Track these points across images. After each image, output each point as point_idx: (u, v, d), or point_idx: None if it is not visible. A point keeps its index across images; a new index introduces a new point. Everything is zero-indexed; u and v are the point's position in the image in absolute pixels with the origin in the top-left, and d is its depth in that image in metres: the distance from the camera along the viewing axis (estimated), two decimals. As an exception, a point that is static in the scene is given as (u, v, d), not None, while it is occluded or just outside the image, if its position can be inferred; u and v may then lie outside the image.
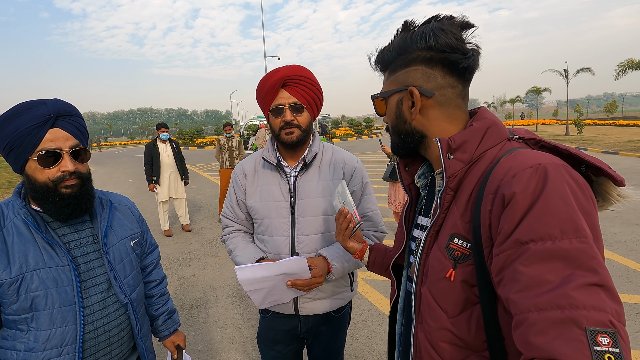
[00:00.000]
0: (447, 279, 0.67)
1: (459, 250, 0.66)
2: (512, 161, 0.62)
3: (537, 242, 0.52)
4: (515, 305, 0.52)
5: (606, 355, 0.44)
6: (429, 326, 0.71)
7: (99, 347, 1.02)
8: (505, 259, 0.56)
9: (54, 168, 0.95)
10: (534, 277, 0.51)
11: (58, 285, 0.96)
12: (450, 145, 0.69)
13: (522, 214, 0.55)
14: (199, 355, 2.74)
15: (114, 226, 1.14)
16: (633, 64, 16.63)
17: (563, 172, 0.57)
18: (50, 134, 0.95)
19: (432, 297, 0.70)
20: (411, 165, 0.88)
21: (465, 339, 0.67)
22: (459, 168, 0.69)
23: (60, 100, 1.00)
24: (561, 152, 0.65)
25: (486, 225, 0.61)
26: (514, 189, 0.57)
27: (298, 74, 1.27)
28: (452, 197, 0.70)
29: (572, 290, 0.48)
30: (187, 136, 34.53)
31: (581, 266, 0.49)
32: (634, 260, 3.99)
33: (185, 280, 4.11)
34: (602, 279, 0.49)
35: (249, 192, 1.39)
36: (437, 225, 0.72)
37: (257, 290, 1.22)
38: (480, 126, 0.70)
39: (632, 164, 10.81)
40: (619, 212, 5.72)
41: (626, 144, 15.44)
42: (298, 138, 1.29)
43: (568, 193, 0.54)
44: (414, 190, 0.88)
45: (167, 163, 5.55)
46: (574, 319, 0.46)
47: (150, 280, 1.34)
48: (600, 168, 0.62)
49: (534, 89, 30.33)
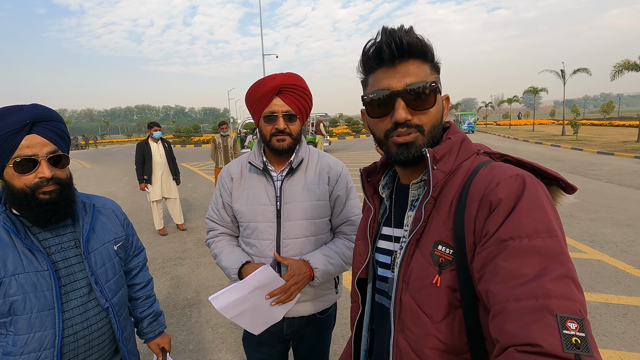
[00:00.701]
0: (433, 285, 0.69)
1: (442, 257, 0.69)
2: (494, 172, 0.67)
3: (516, 240, 0.58)
4: (495, 296, 0.56)
5: (573, 338, 0.49)
6: (414, 334, 0.72)
7: (79, 350, 1.03)
8: (486, 255, 0.60)
9: (30, 174, 0.95)
10: (512, 270, 0.56)
11: (37, 290, 0.96)
12: (435, 156, 0.71)
13: (505, 216, 0.60)
14: (191, 355, 2.76)
15: (96, 230, 1.14)
16: (629, 64, 16.70)
17: (535, 181, 0.64)
18: (27, 140, 0.94)
19: (417, 304, 0.71)
20: (373, 175, 0.88)
21: (450, 343, 0.68)
22: (441, 178, 0.72)
23: (39, 106, 1.00)
24: (524, 165, 0.71)
25: (471, 231, 0.65)
26: (500, 195, 0.62)
27: (294, 83, 1.28)
28: (432, 205, 0.72)
29: (546, 282, 0.53)
30: (185, 134, 34.41)
31: (554, 260, 0.55)
32: (624, 261, 4.03)
33: (179, 279, 4.12)
34: (570, 272, 0.55)
35: (235, 196, 1.39)
36: (419, 234, 0.73)
37: (240, 315, 1.22)
38: (457, 140, 0.75)
39: (627, 164, 10.88)
40: (611, 213, 5.78)
41: (621, 145, 15.53)
42: (289, 146, 1.30)
43: (542, 198, 0.61)
44: (378, 200, 0.88)
45: (159, 162, 5.50)
46: (547, 307, 0.51)
47: (136, 282, 1.35)
48: (556, 179, 0.69)
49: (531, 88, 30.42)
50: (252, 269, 1.27)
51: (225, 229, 1.46)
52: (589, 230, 5.08)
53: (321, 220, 1.36)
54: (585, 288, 3.48)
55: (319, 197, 1.35)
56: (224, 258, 1.35)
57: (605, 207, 6.19)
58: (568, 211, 5.99)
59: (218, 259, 1.39)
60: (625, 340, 2.69)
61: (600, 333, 2.78)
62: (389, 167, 0.90)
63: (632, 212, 5.82)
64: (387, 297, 0.84)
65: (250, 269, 1.28)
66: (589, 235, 4.86)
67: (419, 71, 0.73)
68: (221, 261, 1.36)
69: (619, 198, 6.74)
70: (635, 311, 3.04)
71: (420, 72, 0.73)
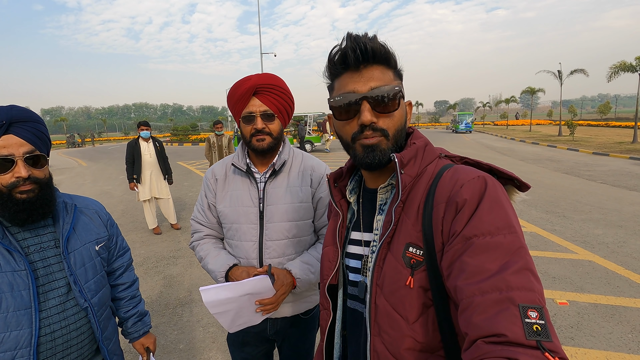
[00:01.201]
0: (406, 287, 0.70)
1: (414, 258, 0.70)
2: (457, 174, 0.70)
3: (480, 237, 0.61)
4: (462, 291, 0.59)
5: (534, 326, 0.52)
6: (390, 336, 0.73)
7: (56, 350, 1.04)
8: (453, 253, 0.63)
9: (7, 174, 0.96)
10: (477, 266, 0.59)
11: (13, 289, 0.97)
12: (402, 161, 0.73)
13: (470, 215, 0.64)
14: (181, 354, 2.76)
15: (77, 230, 1.15)
16: (625, 66, 16.76)
17: (495, 181, 0.68)
18: (3, 140, 0.96)
19: (391, 307, 0.72)
20: (340, 181, 0.89)
21: (425, 342, 0.70)
22: (408, 182, 0.74)
23: (16, 107, 1.01)
24: (482, 166, 0.75)
25: (439, 232, 0.68)
26: (465, 196, 0.66)
27: (270, 83, 1.29)
28: (401, 209, 0.74)
29: (508, 275, 0.56)
30: (182, 132, 34.31)
31: (514, 255, 0.59)
32: (614, 262, 4.05)
33: (172, 278, 4.12)
34: (529, 264, 0.58)
35: (219, 197, 1.40)
36: (389, 237, 0.74)
37: (224, 313, 1.22)
38: (421, 144, 0.77)
39: (621, 165, 10.94)
40: (603, 214, 5.81)
41: (617, 146, 15.60)
42: (269, 145, 1.31)
43: (502, 197, 0.65)
44: (345, 206, 0.89)
45: (148, 162, 5.44)
46: (510, 298, 0.54)
47: (120, 283, 1.35)
48: (511, 178, 0.73)
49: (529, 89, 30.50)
50: (239, 272, 1.28)
51: (211, 231, 1.46)
52: (581, 230, 5.12)
53: (303, 222, 1.37)
54: (575, 289, 3.51)
55: (302, 199, 1.36)
56: (210, 261, 1.36)
57: (598, 208, 6.22)
58: (561, 212, 6.03)
59: (204, 262, 1.39)
60: (612, 340, 2.71)
61: (587, 333, 2.80)
62: (354, 171, 0.91)
63: (624, 213, 5.86)
64: (360, 302, 0.84)
65: (238, 272, 1.29)
66: (581, 236, 4.89)
67: (383, 76, 0.75)
68: (207, 264, 1.36)
69: (612, 199, 6.78)
70: (623, 312, 3.07)
71: (385, 77, 0.75)
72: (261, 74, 1.30)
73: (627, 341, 2.69)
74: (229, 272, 1.31)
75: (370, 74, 0.74)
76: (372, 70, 0.74)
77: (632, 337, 2.74)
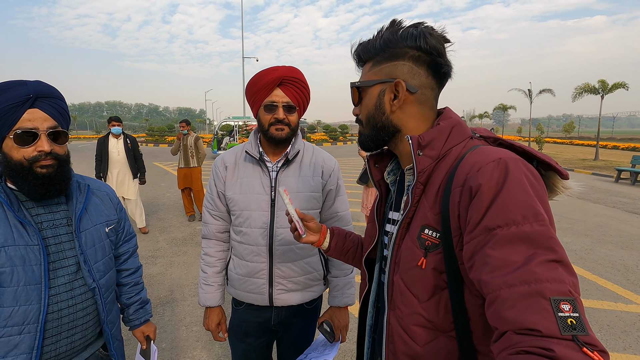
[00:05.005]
0: (418, 267, 0.71)
1: (429, 240, 0.71)
2: (476, 156, 0.67)
3: (503, 228, 0.58)
4: (487, 285, 0.57)
5: (568, 319, 0.50)
6: (402, 312, 0.76)
7: (62, 328, 1.02)
8: (475, 245, 0.61)
9: (30, 147, 0.96)
10: (502, 259, 0.56)
11: (25, 263, 0.95)
12: (420, 142, 0.73)
13: (489, 203, 0.60)
14: (164, 353, 2.69)
15: (89, 210, 1.13)
16: (588, 88, 17.94)
17: (520, 164, 0.63)
18: (29, 114, 0.95)
19: (405, 285, 0.75)
20: (380, 162, 0.91)
21: (435, 322, 0.72)
22: (427, 164, 0.73)
23: (42, 82, 1.01)
24: (516, 149, 0.72)
25: (455, 216, 0.66)
26: (480, 181, 0.62)
27: (295, 76, 1.32)
28: (421, 191, 0.75)
29: (535, 266, 0.54)
30: (158, 133, 33.40)
31: (541, 246, 0.56)
32: (582, 267, 4.31)
33: (151, 278, 4.00)
34: (559, 256, 0.55)
35: (229, 184, 1.41)
36: (408, 218, 0.76)
37: None
38: (446, 125, 0.75)
39: (585, 180, 11.62)
40: (571, 224, 6.16)
41: (580, 162, 16.57)
42: (287, 135, 1.34)
43: (526, 183, 0.61)
44: (384, 186, 0.91)
45: (115, 160, 5.12)
46: (539, 291, 0.52)
47: (124, 268, 1.34)
48: (549, 164, 0.70)
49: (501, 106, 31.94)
50: (215, 316, 1.46)
51: (219, 224, 1.47)
52: (551, 238, 5.40)
53: (313, 212, 1.40)
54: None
55: (313, 188, 1.39)
56: (202, 286, 1.48)
57: (565, 218, 6.59)
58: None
59: (200, 277, 1.49)
60: (582, 339, 2.88)
61: (560, 332, 2.96)
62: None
63: (589, 223, 6.24)
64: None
65: (213, 315, 1.46)
66: (551, 244, 5.16)
67: (365, 72, 0.84)
68: (199, 285, 1.49)
69: (578, 210, 7.20)
70: (591, 313, 3.26)
71: (365, 73, 0.84)
72: (287, 66, 1.34)
73: (596, 339, 2.87)
74: (208, 310, 1.47)
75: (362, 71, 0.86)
76: (363, 68, 0.85)
77: (600, 335, 2.91)
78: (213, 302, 1.45)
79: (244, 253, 1.38)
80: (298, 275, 1.39)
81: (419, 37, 0.74)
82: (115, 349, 1.19)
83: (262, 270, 1.37)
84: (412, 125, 0.79)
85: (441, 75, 0.78)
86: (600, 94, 17.50)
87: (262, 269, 1.37)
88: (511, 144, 0.73)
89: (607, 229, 5.90)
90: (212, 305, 1.45)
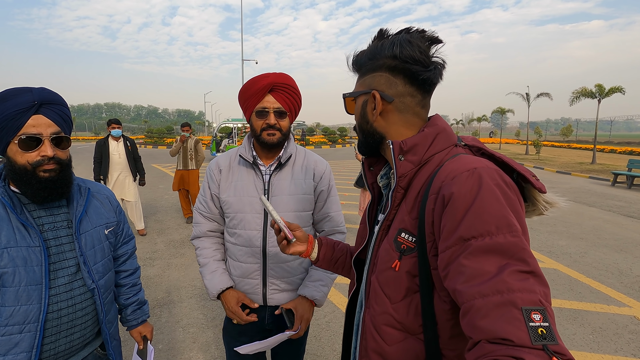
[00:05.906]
0: (392, 269, 0.74)
1: (405, 244, 0.73)
2: (453, 165, 0.68)
3: (477, 239, 0.59)
4: (462, 294, 0.59)
5: (539, 329, 0.51)
6: (375, 310, 0.78)
7: (61, 328, 1.05)
8: (450, 254, 0.62)
9: (33, 152, 0.99)
10: (476, 269, 0.58)
11: (27, 264, 0.98)
12: (402, 147, 0.75)
13: (463, 213, 0.61)
14: (160, 355, 2.71)
15: (89, 213, 1.17)
16: (586, 92, 18.04)
17: (495, 175, 0.64)
18: (33, 120, 0.99)
19: (379, 285, 0.77)
20: (375, 165, 0.93)
21: (404, 323, 0.74)
22: (409, 169, 0.75)
23: (46, 89, 1.05)
24: (496, 159, 0.73)
25: (430, 222, 0.68)
26: (452, 190, 0.63)
27: (285, 82, 1.36)
28: (402, 195, 0.77)
29: (507, 276, 0.55)
30: (157, 135, 33.42)
31: (513, 257, 0.57)
32: (576, 270, 4.35)
33: (148, 280, 4.02)
34: (531, 267, 0.57)
35: (223, 187, 1.44)
36: (389, 221, 0.79)
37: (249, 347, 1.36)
38: (431, 132, 0.76)
39: (582, 184, 11.68)
40: (567, 227, 6.21)
41: (578, 166, 16.66)
42: (279, 140, 1.38)
43: (499, 193, 0.62)
44: (377, 189, 0.93)
45: (117, 162, 5.14)
46: (511, 301, 0.53)
47: (123, 269, 1.37)
48: (524, 176, 0.70)
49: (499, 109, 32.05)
50: (231, 297, 1.38)
51: (211, 224, 1.50)
52: (547, 242, 5.44)
53: (305, 214, 1.44)
54: (541, 294, 3.73)
55: (305, 191, 1.43)
56: (206, 276, 1.42)
57: (561, 221, 6.64)
58: (529, 224, 6.36)
59: (201, 271, 1.46)
60: (575, 341, 2.91)
61: (553, 335, 3.00)
62: None
63: (584, 226, 6.28)
64: None
65: (229, 296, 1.38)
66: (547, 247, 5.21)
67: (355, 82, 0.88)
68: (204, 277, 1.43)
69: (574, 214, 7.25)
70: (585, 315, 3.30)
71: (355, 83, 0.88)
72: (278, 73, 1.38)
73: (588, 342, 2.90)
74: (222, 295, 1.40)
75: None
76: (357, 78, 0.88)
77: (593, 337, 2.95)
78: (223, 283, 1.39)
79: (238, 254, 1.42)
80: (291, 275, 1.43)
81: (395, 46, 0.76)
82: (112, 349, 1.22)
83: (256, 271, 1.40)
84: (396, 132, 0.81)
85: (421, 82, 0.77)
86: (597, 98, 17.61)
87: (256, 269, 1.40)
88: (491, 154, 0.74)
89: (602, 232, 5.95)
90: (223, 287, 1.39)
